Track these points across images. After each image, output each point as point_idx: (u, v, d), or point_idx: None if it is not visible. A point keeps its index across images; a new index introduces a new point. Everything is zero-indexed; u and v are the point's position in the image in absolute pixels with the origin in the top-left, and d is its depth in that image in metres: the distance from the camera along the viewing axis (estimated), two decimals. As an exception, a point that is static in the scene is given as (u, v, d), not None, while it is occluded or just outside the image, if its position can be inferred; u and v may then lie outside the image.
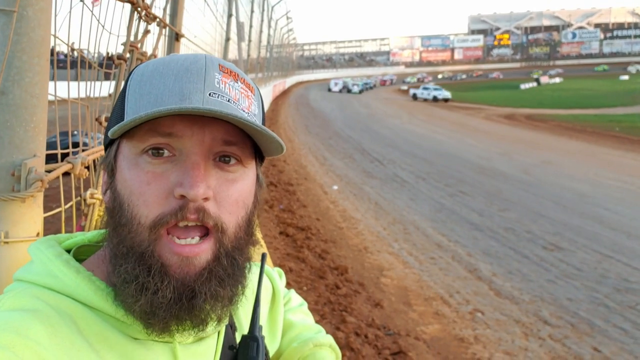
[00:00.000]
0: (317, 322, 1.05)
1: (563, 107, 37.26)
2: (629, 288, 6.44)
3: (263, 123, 0.71)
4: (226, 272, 0.64)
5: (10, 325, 0.57)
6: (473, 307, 5.52)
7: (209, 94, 0.63)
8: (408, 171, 14.06)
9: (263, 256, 0.81)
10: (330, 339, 0.99)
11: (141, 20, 2.18)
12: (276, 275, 1.01)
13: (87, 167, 1.46)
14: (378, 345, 4.35)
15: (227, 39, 12.14)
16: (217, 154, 0.65)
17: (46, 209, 1.28)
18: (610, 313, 5.62)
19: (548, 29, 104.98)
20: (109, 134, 0.65)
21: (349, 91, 53.12)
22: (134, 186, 0.63)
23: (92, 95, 1.94)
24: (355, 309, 4.99)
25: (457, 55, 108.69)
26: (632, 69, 66.32)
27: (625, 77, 67.85)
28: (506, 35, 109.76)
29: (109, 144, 0.69)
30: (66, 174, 1.44)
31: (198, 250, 0.62)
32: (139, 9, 2.02)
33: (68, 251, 0.73)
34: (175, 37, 4.54)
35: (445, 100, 42.06)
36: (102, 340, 0.62)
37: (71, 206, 1.61)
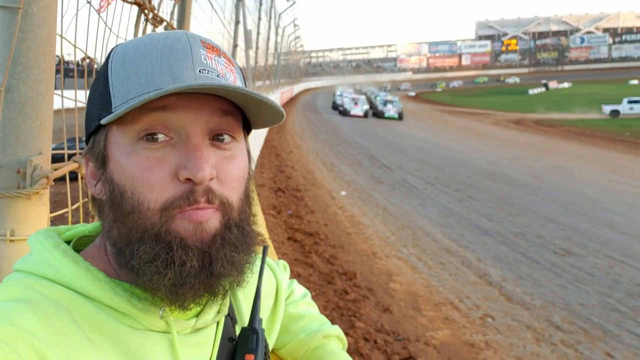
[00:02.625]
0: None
1: (572, 112, 37.05)
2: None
3: None
4: (238, 239, 0.64)
5: (3, 316, 0.56)
6: (483, 312, 5.46)
7: (199, 71, 0.62)
8: (416, 177, 14.01)
9: (264, 248, 0.79)
10: (337, 329, 0.97)
11: (148, 22, 2.19)
12: (280, 269, 1.00)
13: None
14: (387, 350, 4.31)
15: (235, 46, 12.19)
16: (212, 132, 0.65)
17: (55, 212, 1.28)
18: (623, 318, 5.53)
19: (556, 34, 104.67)
20: (102, 121, 0.62)
21: (378, 114, 31.97)
22: (135, 174, 0.62)
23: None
24: (364, 314, 4.95)
25: (465, 61, 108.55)
26: None
27: (635, 82, 67.39)
28: (514, 41, 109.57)
29: (93, 132, 0.66)
30: (74, 179, 1.43)
31: (208, 214, 0.62)
32: (146, 11, 2.03)
33: (68, 242, 0.72)
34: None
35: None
36: (98, 330, 0.61)
37: (78, 208, 1.61)
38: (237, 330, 0.76)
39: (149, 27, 2.27)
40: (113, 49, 0.67)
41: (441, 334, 4.86)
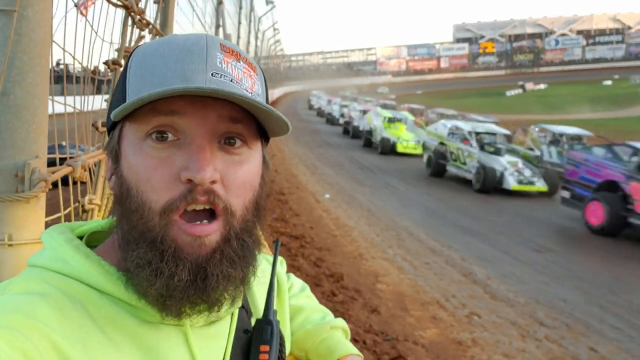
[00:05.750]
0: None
1: (549, 113, 37.66)
2: (622, 288, 6.49)
3: (267, 103, 0.69)
4: (237, 253, 0.63)
5: (19, 308, 0.57)
6: (469, 310, 5.52)
7: (212, 74, 0.62)
8: (398, 178, 14.10)
9: (277, 241, 0.81)
10: (342, 322, 1.00)
11: (135, 26, 2.18)
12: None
13: (88, 171, 1.45)
14: (377, 351, 4.33)
15: (216, 51, 12.20)
16: (222, 136, 0.64)
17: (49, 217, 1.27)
18: (604, 313, 5.65)
19: (531, 36, 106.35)
20: (112, 116, 0.64)
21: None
22: (140, 172, 0.62)
23: (88, 107, 1.93)
24: (353, 315, 4.97)
25: (443, 64, 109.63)
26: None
27: (609, 82, 68.83)
28: (491, 44, 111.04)
29: (111, 128, 0.68)
30: (64, 183, 1.42)
31: (209, 230, 0.62)
32: (133, 13, 2.02)
33: (81, 238, 0.73)
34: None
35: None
36: (112, 323, 0.62)
37: (69, 212, 1.59)
38: (253, 323, 0.75)
39: (136, 31, 2.27)
40: (136, 47, 0.68)
41: (429, 333, 4.90)
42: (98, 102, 2.06)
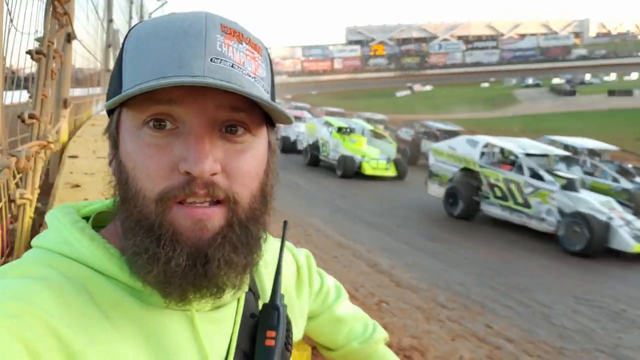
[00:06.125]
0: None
1: (435, 113, 40.20)
2: (509, 271, 7.18)
3: (272, 86, 0.67)
4: (240, 240, 0.61)
5: (19, 294, 0.55)
6: (378, 298, 5.80)
7: (211, 59, 0.57)
8: (302, 177, 14.31)
9: (285, 224, 0.78)
10: (383, 332, 1.05)
11: (55, 16, 2.07)
12: (302, 255, 0.98)
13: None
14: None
15: (108, 46, 11.47)
16: (222, 124, 0.60)
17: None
18: (496, 294, 6.23)
19: (418, 40, 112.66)
20: (105, 106, 0.62)
21: None
22: (137, 160, 0.60)
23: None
24: (269, 310, 5.01)
25: (337, 65, 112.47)
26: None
27: (486, 85, 74.86)
28: (381, 46, 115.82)
29: (110, 112, 0.65)
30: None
31: (211, 213, 0.59)
32: (56, 2, 1.92)
33: (86, 218, 0.70)
34: (67, 38, 4.27)
35: None
36: (116, 308, 0.60)
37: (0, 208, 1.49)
38: (260, 306, 0.73)
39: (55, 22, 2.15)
40: (133, 27, 0.64)
41: (343, 323, 5.09)
42: (18, 96, 1.95)
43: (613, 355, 5.09)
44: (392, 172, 14.35)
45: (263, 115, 0.63)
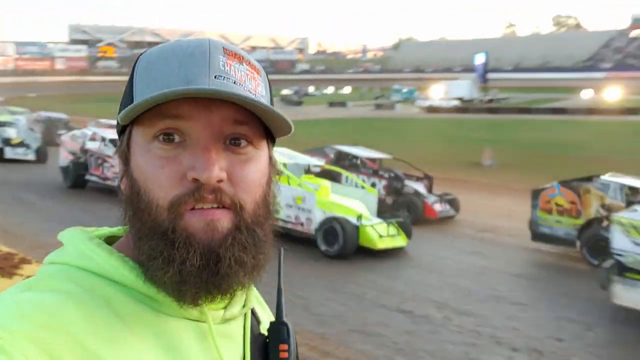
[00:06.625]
0: None
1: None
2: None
3: (271, 104, 0.71)
4: (247, 241, 0.65)
5: (45, 307, 0.58)
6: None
7: (214, 77, 0.63)
8: (31, 192, 12.56)
9: (280, 251, 0.81)
10: None
11: None
12: None
13: None
14: None
15: None
16: (227, 137, 0.65)
17: None
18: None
19: (151, 45, 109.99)
20: (118, 118, 0.65)
21: None
22: (148, 172, 0.64)
23: None
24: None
25: (60, 65, 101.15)
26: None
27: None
28: (111, 48, 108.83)
29: (121, 132, 0.69)
30: None
31: (220, 215, 0.63)
32: None
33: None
34: None
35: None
36: (138, 319, 0.63)
37: None
38: (261, 329, 0.77)
39: None
40: (142, 53, 0.70)
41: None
42: None
43: (364, 333, 5.87)
44: (403, 239, 9.15)
45: (264, 129, 0.68)
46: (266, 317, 0.82)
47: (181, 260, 0.61)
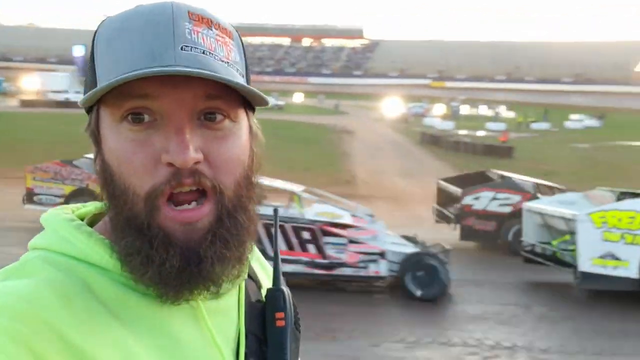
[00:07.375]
0: None
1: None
2: None
3: (247, 69, 0.66)
4: (230, 232, 0.61)
5: (21, 295, 0.55)
6: None
7: (181, 48, 0.57)
8: None
9: (275, 211, 0.78)
10: None
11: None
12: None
13: None
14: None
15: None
16: (201, 112, 0.60)
17: None
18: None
19: None
20: (79, 103, 0.61)
21: None
22: (121, 156, 0.59)
23: None
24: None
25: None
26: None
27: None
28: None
29: (88, 110, 0.63)
30: None
31: (199, 214, 0.60)
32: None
33: (81, 219, 0.67)
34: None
35: None
36: (121, 304, 0.60)
37: None
38: (262, 293, 0.73)
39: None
40: (101, 22, 0.63)
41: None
42: None
43: None
44: None
45: (241, 99, 0.63)
46: (267, 281, 0.76)
47: (160, 262, 0.58)
